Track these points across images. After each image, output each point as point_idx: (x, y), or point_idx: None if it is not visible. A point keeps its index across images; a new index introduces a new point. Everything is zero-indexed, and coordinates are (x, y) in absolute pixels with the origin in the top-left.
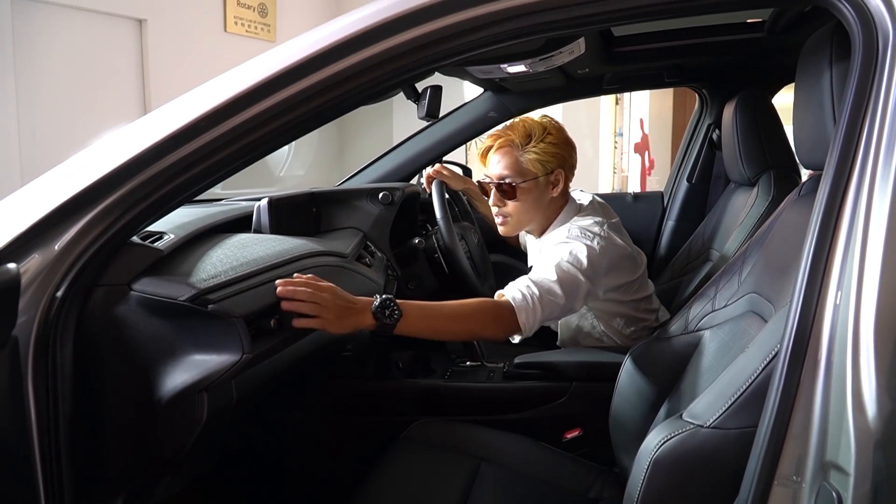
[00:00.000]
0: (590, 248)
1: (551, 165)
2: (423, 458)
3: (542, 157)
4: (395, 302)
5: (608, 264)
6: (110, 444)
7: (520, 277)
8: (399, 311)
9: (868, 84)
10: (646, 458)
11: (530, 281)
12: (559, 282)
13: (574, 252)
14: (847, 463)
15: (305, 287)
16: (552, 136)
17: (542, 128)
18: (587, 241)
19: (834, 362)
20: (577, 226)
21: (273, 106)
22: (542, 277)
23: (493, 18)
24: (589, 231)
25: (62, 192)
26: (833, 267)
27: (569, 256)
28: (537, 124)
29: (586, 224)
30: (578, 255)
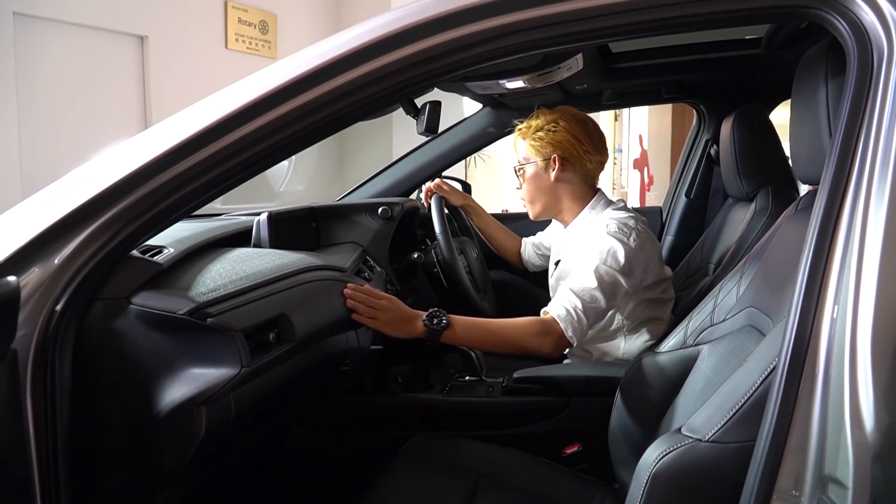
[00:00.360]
0: (626, 245)
1: (547, 151)
2: (422, 474)
3: (539, 143)
4: (443, 313)
5: (644, 260)
6: (108, 458)
7: (560, 290)
8: (447, 320)
9: (863, 99)
10: (644, 473)
11: (571, 293)
12: (599, 287)
13: (612, 252)
14: (845, 476)
15: (365, 298)
16: (559, 125)
17: (553, 118)
18: (624, 238)
19: (831, 376)
20: (614, 219)
21: (273, 121)
22: (582, 286)
23: (492, 34)
24: (626, 226)
25: (62, 206)
26: (830, 281)
27: (607, 257)
28: (550, 114)
29: (622, 217)
30: (616, 254)
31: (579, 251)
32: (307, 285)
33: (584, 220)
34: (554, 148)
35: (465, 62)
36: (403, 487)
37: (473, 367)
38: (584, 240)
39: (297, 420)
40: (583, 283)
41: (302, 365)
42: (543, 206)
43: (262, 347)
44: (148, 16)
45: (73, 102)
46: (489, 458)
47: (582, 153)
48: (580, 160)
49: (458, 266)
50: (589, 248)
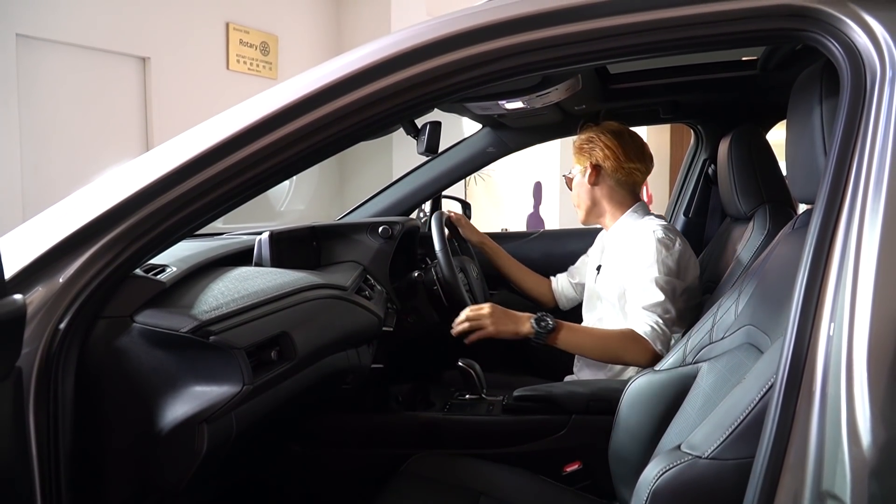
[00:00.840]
0: (673, 250)
1: (585, 162)
2: (422, 492)
3: (580, 155)
4: (549, 316)
5: (684, 264)
6: (110, 475)
7: (634, 309)
8: (553, 323)
9: (856, 119)
10: (644, 490)
11: (645, 311)
12: (666, 297)
13: (664, 259)
14: (843, 492)
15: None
16: (594, 139)
17: (590, 134)
18: (670, 244)
19: (828, 392)
20: (660, 225)
21: (275, 142)
22: (652, 301)
23: (491, 57)
24: (671, 232)
25: (66, 225)
26: (826, 298)
27: (661, 266)
28: (589, 130)
29: (665, 224)
30: (667, 260)
31: (625, 256)
32: (308, 303)
33: (626, 225)
34: (589, 158)
35: (466, 84)
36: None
37: (474, 386)
38: (627, 244)
39: (298, 438)
40: (652, 298)
41: (303, 383)
42: (586, 209)
43: (263, 365)
44: (150, 37)
45: (76, 123)
46: (489, 476)
47: (614, 161)
48: (614, 168)
49: (458, 284)
50: (640, 256)
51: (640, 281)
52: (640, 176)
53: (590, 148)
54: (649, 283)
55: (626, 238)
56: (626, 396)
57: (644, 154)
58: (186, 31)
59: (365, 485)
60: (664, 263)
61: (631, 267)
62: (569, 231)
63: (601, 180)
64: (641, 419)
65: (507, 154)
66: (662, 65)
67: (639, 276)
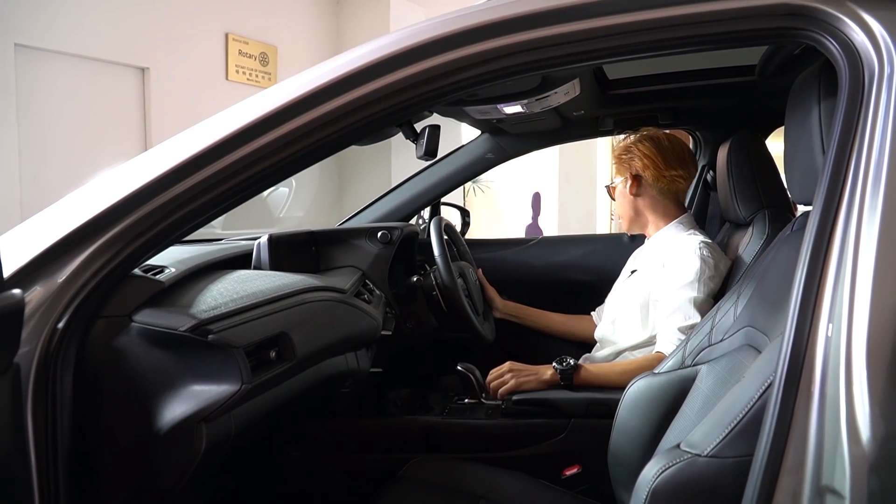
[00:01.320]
0: (716, 269)
1: (625, 171)
2: (422, 496)
3: (618, 165)
4: (566, 358)
5: (720, 281)
6: (109, 475)
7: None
8: (574, 363)
9: (854, 117)
10: (644, 489)
11: (680, 332)
12: (700, 314)
13: (706, 281)
14: (842, 487)
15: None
16: (633, 148)
17: (629, 142)
18: (713, 262)
19: (827, 388)
20: (705, 243)
21: (271, 142)
22: (688, 323)
23: (488, 56)
24: (715, 251)
25: (65, 224)
26: (824, 296)
27: (703, 287)
28: (632, 140)
29: (709, 242)
30: (710, 283)
31: (663, 269)
32: (308, 305)
33: (669, 236)
34: (629, 168)
35: (464, 83)
36: None
37: (473, 390)
38: (669, 257)
39: (296, 442)
40: (688, 320)
41: (302, 385)
42: (629, 219)
43: (262, 365)
44: (149, 47)
45: (74, 133)
46: (489, 480)
47: (654, 170)
48: (654, 177)
49: (457, 290)
50: (681, 273)
51: (677, 299)
52: (682, 183)
53: (628, 158)
54: (687, 303)
55: (668, 250)
56: (625, 399)
57: (685, 159)
58: (186, 41)
59: (364, 489)
60: (706, 284)
61: (670, 281)
62: (569, 237)
63: (643, 191)
64: (640, 422)
65: (506, 160)
66: (661, 70)
67: (678, 293)
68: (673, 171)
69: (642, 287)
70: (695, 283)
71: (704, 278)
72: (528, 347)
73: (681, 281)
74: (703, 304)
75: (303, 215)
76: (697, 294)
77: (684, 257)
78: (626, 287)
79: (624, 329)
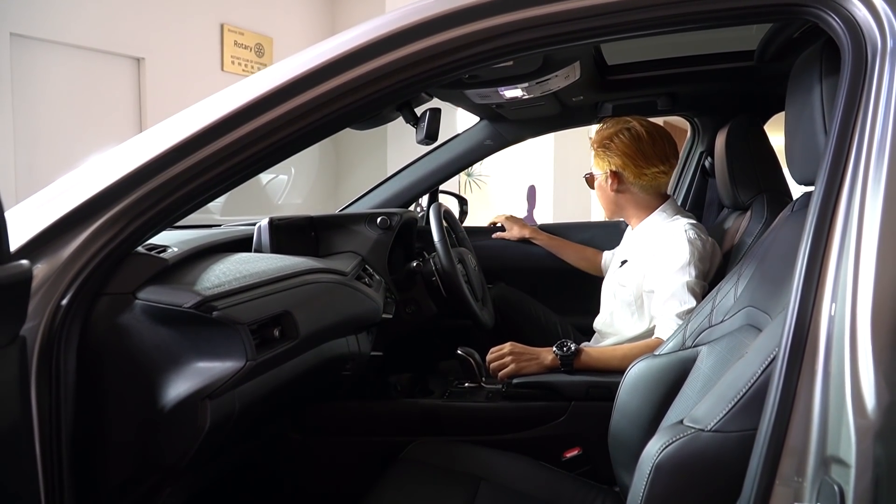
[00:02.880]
0: (703, 250)
1: (604, 166)
2: (423, 478)
3: (598, 158)
4: (567, 341)
5: (710, 262)
6: (112, 453)
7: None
8: (574, 345)
9: (857, 94)
10: (648, 464)
11: (677, 318)
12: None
13: (694, 261)
14: (848, 455)
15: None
16: (612, 142)
17: (610, 132)
18: (700, 245)
19: (832, 360)
20: (691, 225)
21: (272, 120)
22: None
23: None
24: (702, 232)
25: (68, 201)
26: (829, 266)
27: (692, 269)
28: (609, 128)
29: (696, 223)
30: (699, 265)
31: (653, 258)
32: (311, 286)
33: (654, 224)
34: (609, 164)
35: (465, 61)
36: (404, 492)
37: (473, 374)
38: (657, 246)
39: (297, 426)
40: (685, 305)
41: (303, 366)
42: (610, 211)
43: (266, 343)
44: (145, 38)
45: (70, 123)
46: (489, 462)
47: (634, 168)
48: (634, 174)
49: (456, 275)
50: (672, 259)
51: (671, 285)
52: (664, 177)
53: (607, 154)
54: (681, 289)
55: (655, 239)
56: (625, 381)
57: (666, 154)
58: (181, 32)
59: (365, 472)
60: (696, 266)
61: (661, 269)
62: (567, 224)
63: (623, 187)
64: (641, 403)
65: (504, 147)
66: (660, 56)
67: (671, 279)
68: (654, 168)
69: (633, 278)
70: (686, 266)
71: (695, 261)
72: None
73: (672, 267)
74: (696, 286)
75: (301, 202)
76: (690, 278)
77: (672, 243)
78: (618, 278)
79: (622, 321)
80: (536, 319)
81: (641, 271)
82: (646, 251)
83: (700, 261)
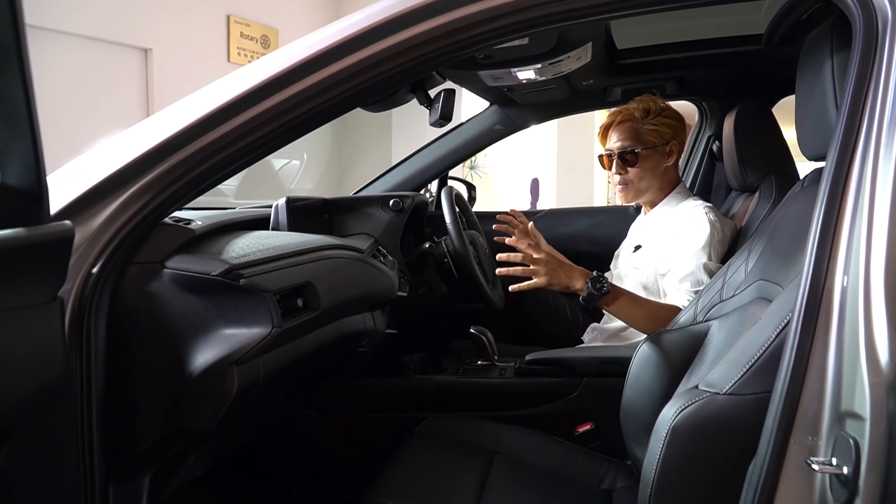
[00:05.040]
0: (722, 231)
1: (668, 136)
2: (438, 452)
3: (659, 128)
4: (605, 279)
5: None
6: (141, 418)
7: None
8: (608, 287)
9: (869, 67)
10: (664, 427)
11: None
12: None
13: (715, 245)
14: (862, 408)
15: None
16: (667, 111)
17: (658, 105)
18: (719, 226)
19: (846, 321)
20: (709, 207)
21: (297, 93)
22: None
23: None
24: (719, 214)
25: (97, 172)
26: (841, 234)
27: (713, 252)
28: (653, 101)
29: (712, 205)
30: (718, 247)
31: (673, 238)
32: (330, 260)
33: (669, 207)
34: (672, 132)
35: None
36: (419, 465)
37: (486, 351)
38: (677, 226)
39: (312, 402)
40: (701, 286)
41: (323, 339)
42: (642, 189)
43: (290, 312)
44: (152, 29)
45: (77, 113)
46: (503, 436)
47: (684, 139)
48: (679, 150)
49: (468, 256)
50: (692, 239)
51: (689, 264)
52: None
53: (671, 123)
54: (698, 269)
55: (673, 221)
56: (637, 355)
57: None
58: (188, 23)
59: (379, 446)
60: (715, 248)
61: (680, 249)
62: (576, 209)
63: (673, 160)
64: (653, 376)
65: (514, 132)
66: (669, 40)
67: (689, 259)
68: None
69: (650, 261)
70: (706, 247)
71: (714, 242)
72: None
73: (692, 247)
74: (713, 268)
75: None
76: (707, 259)
77: (693, 224)
78: (632, 262)
79: None
80: (545, 302)
81: (659, 253)
82: (663, 233)
83: (720, 243)
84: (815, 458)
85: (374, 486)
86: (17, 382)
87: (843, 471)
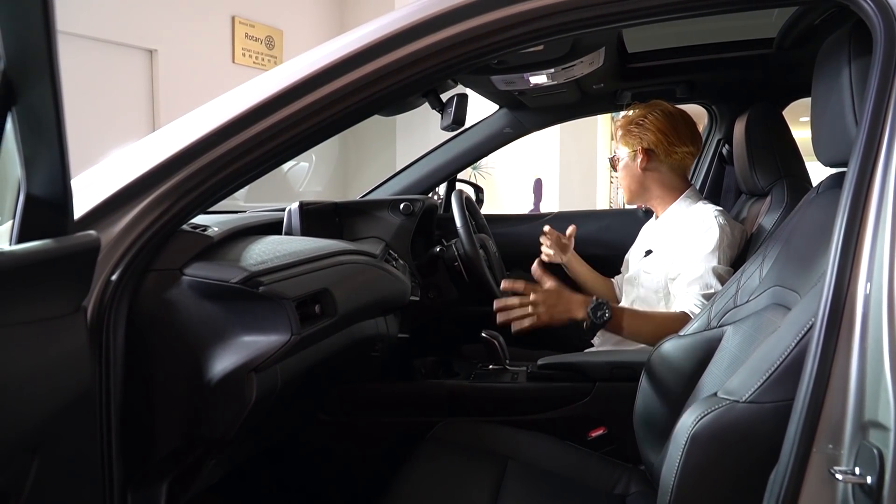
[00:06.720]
0: (732, 235)
1: (634, 144)
2: (451, 458)
3: (628, 136)
4: (607, 305)
5: (737, 249)
6: (160, 425)
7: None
8: (610, 314)
9: (890, 73)
10: (683, 435)
11: (700, 297)
12: (720, 282)
13: (725, 249)
14: (887, 418)
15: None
16: (646, 119)
17: (642, 112)
18: (729, 229)
19: (869, 330)
20: (719, 211)
21: (313, 102)
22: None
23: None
24: (729, 218)
25: (117, 180)
26: (864, 244)
27: (723, 256)
28: (641, 109)
29: (722, 209)
30: (728, 251)
31: (683, 243)
32: (345, 266)
33: (679, 212)
34: (640, 140)
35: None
36: (432, 471)
37: (497, 356)
38: (687, 231)
39: (325, 406)
40: (710, 289)
41: (338, 345)
42: (633, 192)
43: (307, 319)
44: (157, 30)
45: (82, 114)
46: (516, 441)
47: (667, 145)
48: (666, 151)
49: (479, 260)
50: (702, 243)
51: (699, 268)
52: (690, 160)
53: (639, 131)
54: (707, 273)
55: (684, 224)
56: (651, 360)
57: (696, 135)
58: (193, 24)
59: (392, 451)
60: (725, 252)
61: (690, 253)
62: (583, 212)
63: (652, 165)
64: (667, 383)
65: (523, 135)
66: (680, 44)
67: (699, 263)
68: (684, 148)
69: (661, 266)
70: (715, 251)
71: (724, 246)
72: None
73: (702, 251)
74: (723, 272)
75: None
76: (717, 263)
77: (703, 228)
78: (642, 266)
79: (646, 308)
80: None
81: (669, 258)
82: (673, 237)
83: (729, 247)
84: (838, 468)
85: (387, 492)
86: (47, 397)
87: (867, 480)
